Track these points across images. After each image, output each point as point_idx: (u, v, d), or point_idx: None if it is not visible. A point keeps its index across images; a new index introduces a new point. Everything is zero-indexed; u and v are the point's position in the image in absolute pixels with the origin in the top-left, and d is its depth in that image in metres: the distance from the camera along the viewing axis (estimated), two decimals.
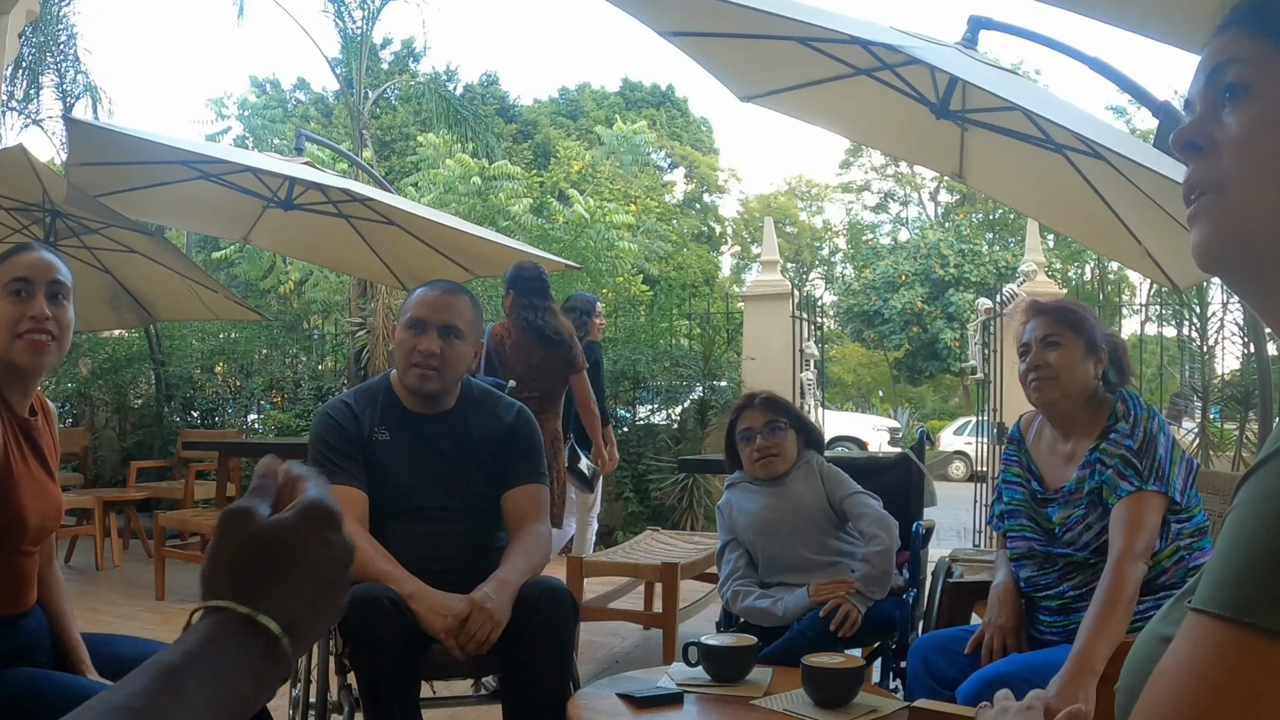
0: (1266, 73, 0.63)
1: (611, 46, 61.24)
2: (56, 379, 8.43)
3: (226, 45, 56.63)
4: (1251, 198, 0.63)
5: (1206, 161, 0.66)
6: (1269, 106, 0.63)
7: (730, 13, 2.66)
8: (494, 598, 1.97)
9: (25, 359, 1.60)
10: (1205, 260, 0.67)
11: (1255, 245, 0.63)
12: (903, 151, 4.90)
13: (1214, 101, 0.66)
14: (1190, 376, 6.85)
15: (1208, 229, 0.66)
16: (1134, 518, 1.83)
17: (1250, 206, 0.63)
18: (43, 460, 1.68)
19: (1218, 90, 0.66)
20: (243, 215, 5.18)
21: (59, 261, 1.67)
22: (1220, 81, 0.66)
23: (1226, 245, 0.65)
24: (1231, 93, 0.65)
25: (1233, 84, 0.65)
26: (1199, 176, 0.66)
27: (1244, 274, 0.66)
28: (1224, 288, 5.59)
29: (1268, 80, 0.63)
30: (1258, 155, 0.63)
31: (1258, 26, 0.64)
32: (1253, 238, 0.63)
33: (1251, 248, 0.64)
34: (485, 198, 11.51)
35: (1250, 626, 0.49)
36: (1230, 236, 0.65)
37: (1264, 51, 0.64)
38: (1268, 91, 0.63)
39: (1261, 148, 0.63)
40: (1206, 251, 0.66)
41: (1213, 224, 0.65)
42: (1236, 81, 0.65)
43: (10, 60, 5.48)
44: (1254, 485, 0.54)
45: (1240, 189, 0.64)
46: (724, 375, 7.41)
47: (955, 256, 19.98)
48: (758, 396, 2.66)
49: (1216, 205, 0.65)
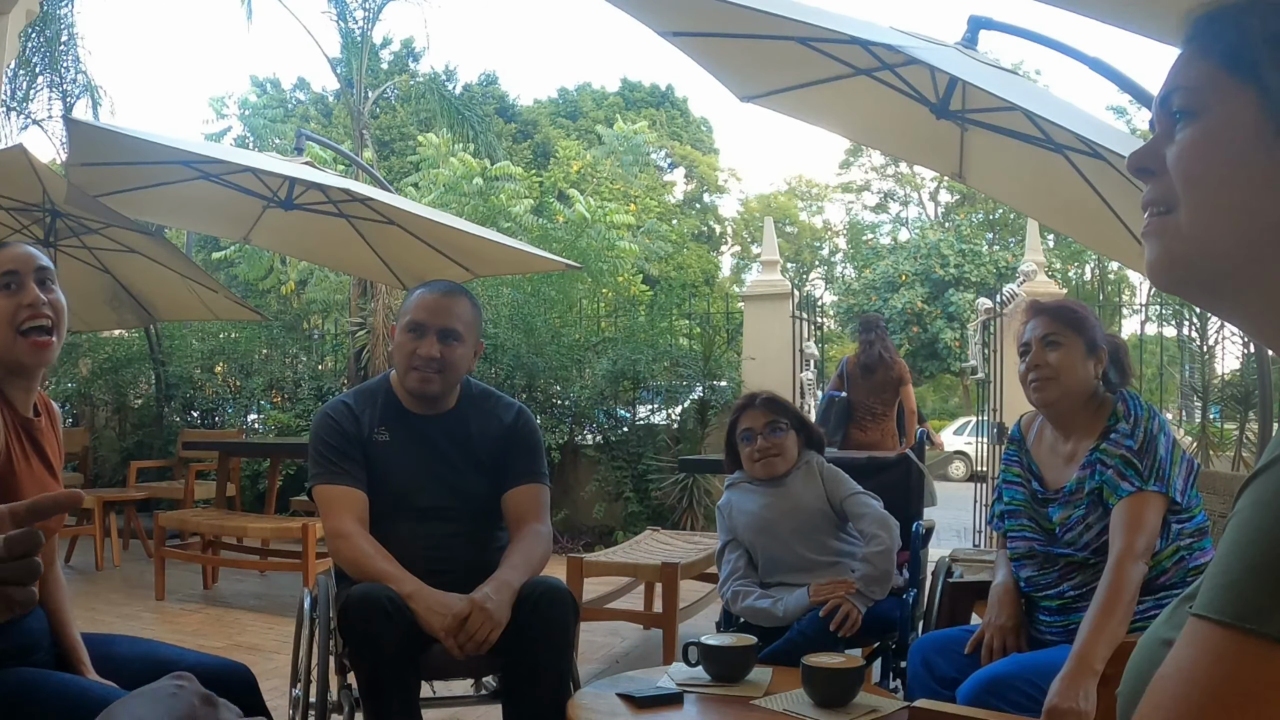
0: (1213, 96, 0.64)
1: (611, 46, 61.26)
2: (57, 379, 8.44)
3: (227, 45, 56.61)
4: (1196, 217, 0.64)
5: (1160, 182, 0.68)
6: (1212, 129, 0.64)
7: (730, 13, 2.66)
8: (494, 598, 1.97)
9: (29, 358, 1.61)
10: (1157, 278, 0.69)
11: (1203, 264, 0.65)
12: (903, 151, 4.89)
13: (1167, 124, 0.68)
14: (1190, 376, 6.85)
15: (1158, 247, 0.68)
16: (1134, 518, 1.83)
17: (1195, 224, 0.64)
18: (45, 460, 1.68)
19: (1169, 114, 0.68)
20: (243, 215, 5.17)
21: (38, 252, 1.67)
22: (1170, 105, 0.67)
23: (1175, 264, 0.67)
24: (1181, 115, 0.66)
25: (1181, 109, 0.66)
26: (1152, 196, 0.68)
27: (1198, 291, 0.68)
28: None
29: (1213, 104, 0.64)
30: (1202, 175, 0.64)
31: (1210, 45, 0.65)
32: (1200, 257, 0.65)
33: (1200, 266, 0.65)
34: (487, 198, 11.50)
35: (1251, 632, 0.49)
36: (1178, 256, 0.66)
37: (1212, 75, 0.65)
38: (1212, 114, 0.64)
39: (1204, 169, 0.64)
40: (1157, 270, 0.68)
41: (1161, 242, 0.67)
42: (1184, 107, 0.66)
43: (10, 60, 5.47)
44: (1255, 491, 0.54)
45: (1186, 208, 0.65)
46: (724, 375, 7.41)
47: (955, 256, 19.98)
48: (759, 397, 2.66)
49: (1165, 224, 0.67)
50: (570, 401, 7.50)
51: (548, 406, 7.53)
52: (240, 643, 4.06)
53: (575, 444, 7.38)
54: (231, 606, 4.86)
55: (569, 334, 7.88)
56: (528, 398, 7.40)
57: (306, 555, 4.43)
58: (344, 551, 2.07)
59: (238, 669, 1.73)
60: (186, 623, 4.47)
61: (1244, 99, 0.62)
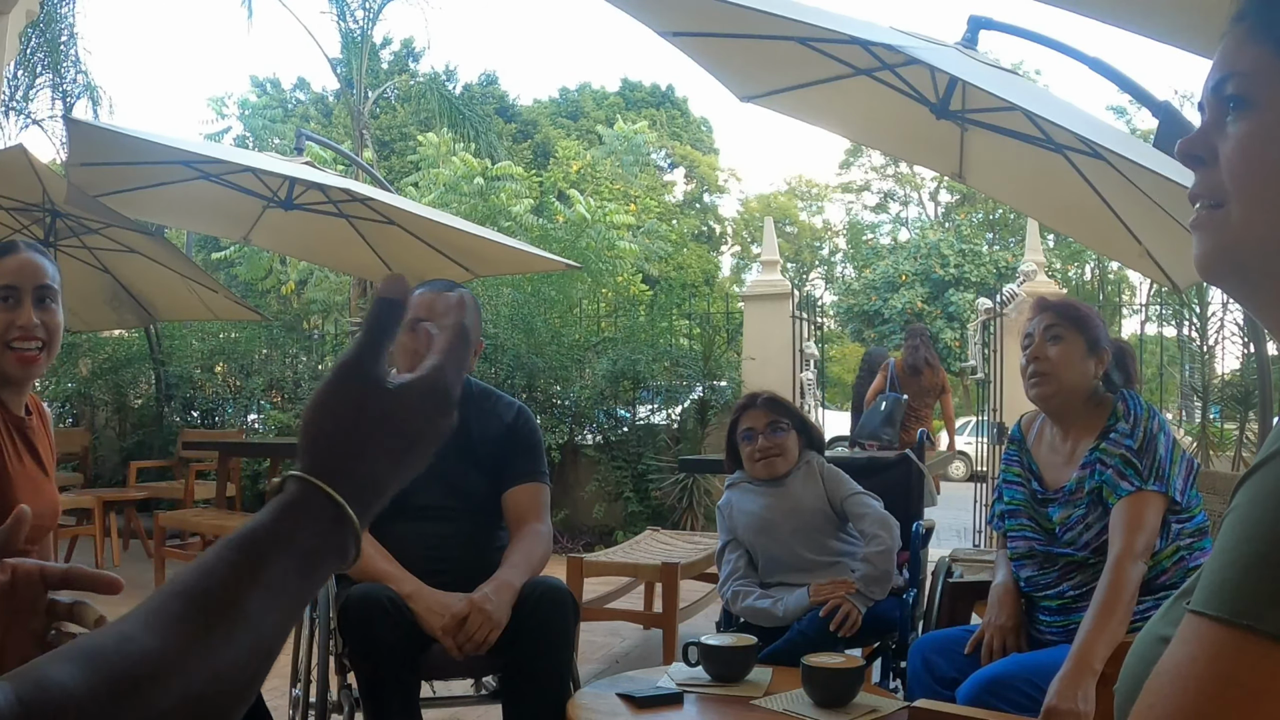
0: (1270, 85, 0.63)
1: (611, 46, 61.26)
2: (56, 379, 8.43)
3: (227, 45, 56.63)
4: (1249, 213, 0.63)
5: (1209, 173, 0.66)
6: (1269, 121, 0.62)
7: (730, 13, 2.66)
8: (493, 598, 1.97)
9: (15, 371, 1.62)
10: (1205, 272, 0.67)
11: (1252, 260, 0.64)
12: (903, 151, 4.90)
13: (1218, 111, 0.66)
14: (1190, 376, 6.85)
15: (1207, 242, 0.66)
16: (1134, 517, 1.83)
17: (1248, 221, 0.63)
18: (38, 459, 1.69)
19: (1222, 100, 0.66)
20: (243, 215, 5.17)
21: (45, 261, 1.66)
22: (1223, 92, 0.65)
23: (1224, 259, 0.65)
24: (1235, 104, 0.65)
25: (1236, 96, 0.64)
26: (1201, 188, 0.67)
27: (1242, 286, 0.67)
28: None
29: (1270, 93, 0.63)
30: (1256, 170, 0.62)
31: (1267, 29, 0.64)
32: (1250, 252, 0.63)
33: (1249, 262, 0.64)
34: (487, 198, 11.51)
35: (1248, 629, 0.49)
36: (1228, 250, 0.65)
37: (1271, 62, 0.63)
38: (1269, 105, 0.63)
39: (1260, 163, 0.62)
40: (1206, 264, 0.67)
41: (1212, 237, 0.66)
42: (1239, 94, 0.64)
43: (10, 60, 5.48)
44: (1252, 487, 0.54)
45: (1238, 203, 0.63)
46: (724, 375, 7.41)
47: (955, 256, 19.98)
48: (760, 396, 2.66)
49: (1216, 218, 0.65)
50: (570, 401, 7.50)
51: (548, 406, 7.52)
52: None
53: (575, 444, 7.38)
54: None
55: (569, 334, 7.88)
56: (528, 398, 7.40)
57: None
58: None
59: None
60: None
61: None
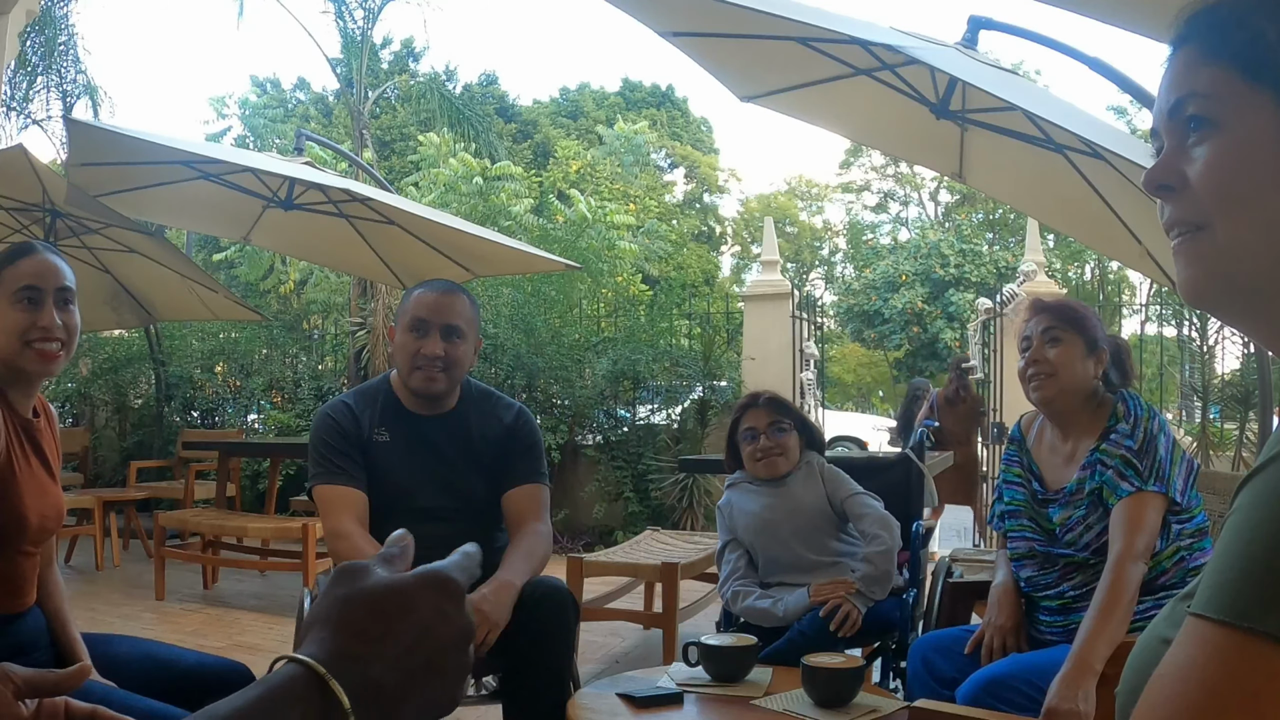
0: (1232, 104, 0.62)
1: (611, 46, 61.24)
2: (57, 380, 8.44)
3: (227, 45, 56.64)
4: (1237, 231, 0.62)
5: (1182, 198, 0.65)
6: (1239, 139, 0.62)
7: (730, 13, 2.65)
8: (492, 600, 1.96)
9: (35, 366, 1.62)
10: (1193, 297, 0.66)
11: (1242, 281, 0.63)
12: (903, 151, 4.89)
13: (1179, 135, 0.65)
14: (1190, 376, 6.86)
15: (1194, 267, 0.65)
16: (1134, 518, 1.83)
17: (1237, 240, 0.62)
18: (44, 461, 1.69)
19: (1181, 123, 0.65)
20: (243, 215, 5.17)
21: (63, 263, 1.67)
22: (1182, 115, 0.64)
23: (1214, 283, 0.64)
24: (1197, 124, 0.63)
25: (1197, 116, 0.63)
26: (1178, 215, 0.65)
27: (1233, 308, 0.66)
28: None
29: (1233, 112, 0.62)
30: (1236, 188, 0.62)
31: (1218, 47, 0.63)
32: (1240, 273, 0.63)
33: (1240, 283, 0.63)
34: (487, 198, 11.50)
35: (1249, 631, 0.49)
36: (1217, 274, 0.64)
37: (1226, 80, 0.62)
38: (1235, 124, 0.62)
39: (1238, 183, 0.62)
40: (1194, 289, 0.65)
41: (1198, 262, 0.64)
42: (1201, 114, 0.63)
43: (10, 60, 5.47)
44: (1252, 490, 0.54)
45: (1224, 224, 0.62)
46: (724, 375, 7.41)
47: (955, 256, 19.96)
48: (761, 396, 2.66)
49: (1200, 243, 0.64)
50: (570, 402, 7.50)
51: (548, 407, 7.52)
52: (240, 643, 4.06)
53: (575, 444, 7.38)
54: (231, 606, 4.86)
55: (569, 334, 7.88)
56: (528, 398, 7.40)
57: (306, 555, 4.43)
58: (343, 552, 2.07)
59: (238, 669, 1.73)
60: (186, 623, 4.47)
61: (1263, 106, 0.61)
